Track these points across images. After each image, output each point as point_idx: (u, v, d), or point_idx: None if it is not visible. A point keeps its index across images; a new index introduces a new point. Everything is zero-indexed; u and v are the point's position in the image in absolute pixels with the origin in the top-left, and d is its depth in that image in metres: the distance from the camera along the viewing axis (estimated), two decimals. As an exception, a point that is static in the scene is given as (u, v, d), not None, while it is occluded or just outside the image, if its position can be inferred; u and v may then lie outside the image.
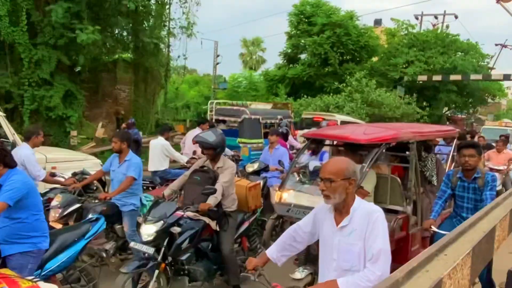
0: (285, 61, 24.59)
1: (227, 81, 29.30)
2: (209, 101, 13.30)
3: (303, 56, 23.83)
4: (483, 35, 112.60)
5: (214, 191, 3.76)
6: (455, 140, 5.54)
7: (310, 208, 3.35)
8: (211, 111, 11.55)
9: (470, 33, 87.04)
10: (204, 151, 4.18)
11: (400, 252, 4.08)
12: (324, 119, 12.09)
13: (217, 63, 25.33)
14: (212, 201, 3.78)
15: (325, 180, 2.13)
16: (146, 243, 3.62)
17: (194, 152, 7.16)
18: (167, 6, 14.45)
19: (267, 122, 10.14)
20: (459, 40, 26.15)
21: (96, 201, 4.56)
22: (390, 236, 3.54)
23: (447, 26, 28.67)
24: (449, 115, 32.36)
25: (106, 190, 6.01)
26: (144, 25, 13.88)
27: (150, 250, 3.57)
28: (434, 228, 3.75)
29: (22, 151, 4.54)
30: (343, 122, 11.69)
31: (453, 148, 5.20)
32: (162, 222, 3.64)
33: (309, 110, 16.95)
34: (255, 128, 9.81)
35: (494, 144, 8.93)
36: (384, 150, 4.17)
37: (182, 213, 3.80)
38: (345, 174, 2.13)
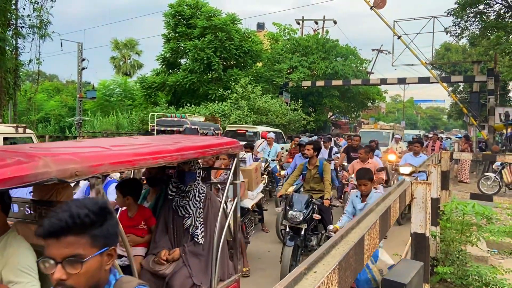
0: (164, 66, 24.18)
1: (96, 89, 27.77)
2: (150, 113, 15.47)
3: (184, 61, 23.75)
4: (360, 41, 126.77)
5: None
6: (234, 160, 3.29)
7: None
8: (152, 122, 13.44)
9: (349, 39, 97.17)
10: None
11: None
12: (247, 131, 13.78)
13: (83, 68, 23.77)
14: None
15: None
16: None
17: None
18: (13, 1, 13.08)
19: (203, 132, 12.12)
20: (339, 45, 28.98)
21: None
22: None
23: (327, 32, 31.67)
24: (334, 119, 35.66)
25: None
26: (-18, 23, 12.35)
27: None
28: None
29: None
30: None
31: (231, 174, 3.25)
32: None
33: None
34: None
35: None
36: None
37: None
38: None
